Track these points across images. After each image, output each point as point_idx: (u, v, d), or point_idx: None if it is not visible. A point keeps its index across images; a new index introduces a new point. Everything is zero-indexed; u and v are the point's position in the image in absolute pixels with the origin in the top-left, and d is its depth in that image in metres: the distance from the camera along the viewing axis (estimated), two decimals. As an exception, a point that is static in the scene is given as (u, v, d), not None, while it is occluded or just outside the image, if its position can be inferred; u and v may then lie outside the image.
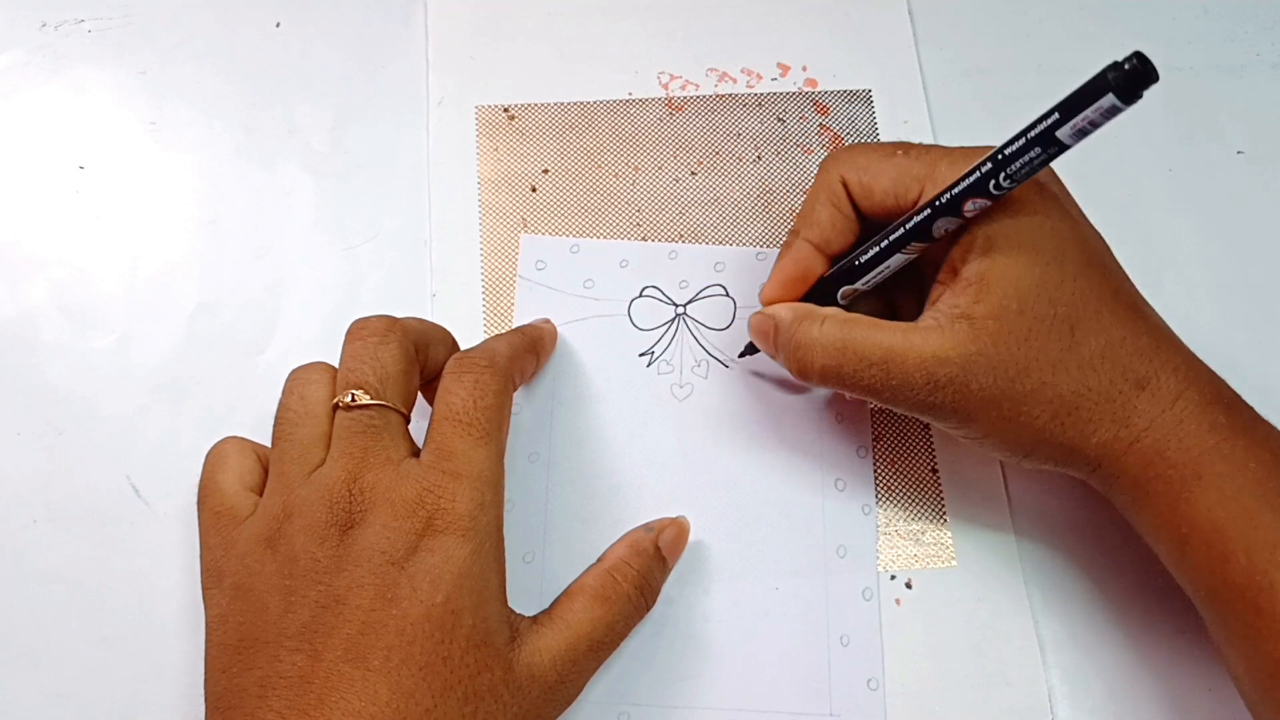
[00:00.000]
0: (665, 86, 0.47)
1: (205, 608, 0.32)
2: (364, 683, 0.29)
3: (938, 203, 0.34)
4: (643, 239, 0.44)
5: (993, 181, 0.32)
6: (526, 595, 0.38)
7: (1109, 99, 0.29)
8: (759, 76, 0.48)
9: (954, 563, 0.40)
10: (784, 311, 0.38)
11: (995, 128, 0.48)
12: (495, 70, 0.47)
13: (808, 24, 0.49)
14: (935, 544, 0.41)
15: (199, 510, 0.34)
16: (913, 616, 0.40)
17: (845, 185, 0.37)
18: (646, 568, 0.36)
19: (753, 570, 0.40)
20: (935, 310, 0.35)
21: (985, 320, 0.33)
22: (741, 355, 0.42)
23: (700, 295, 0.44)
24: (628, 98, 0.47)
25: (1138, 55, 0.29)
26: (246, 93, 0.46)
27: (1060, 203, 0.35)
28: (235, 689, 0.30)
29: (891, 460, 0.42)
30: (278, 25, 0.47)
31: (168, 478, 0.40)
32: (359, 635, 0.29)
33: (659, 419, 0.42)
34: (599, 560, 0.36)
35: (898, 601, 0.40)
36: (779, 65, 0.48)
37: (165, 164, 0.45)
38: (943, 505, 0.41)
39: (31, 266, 0.43)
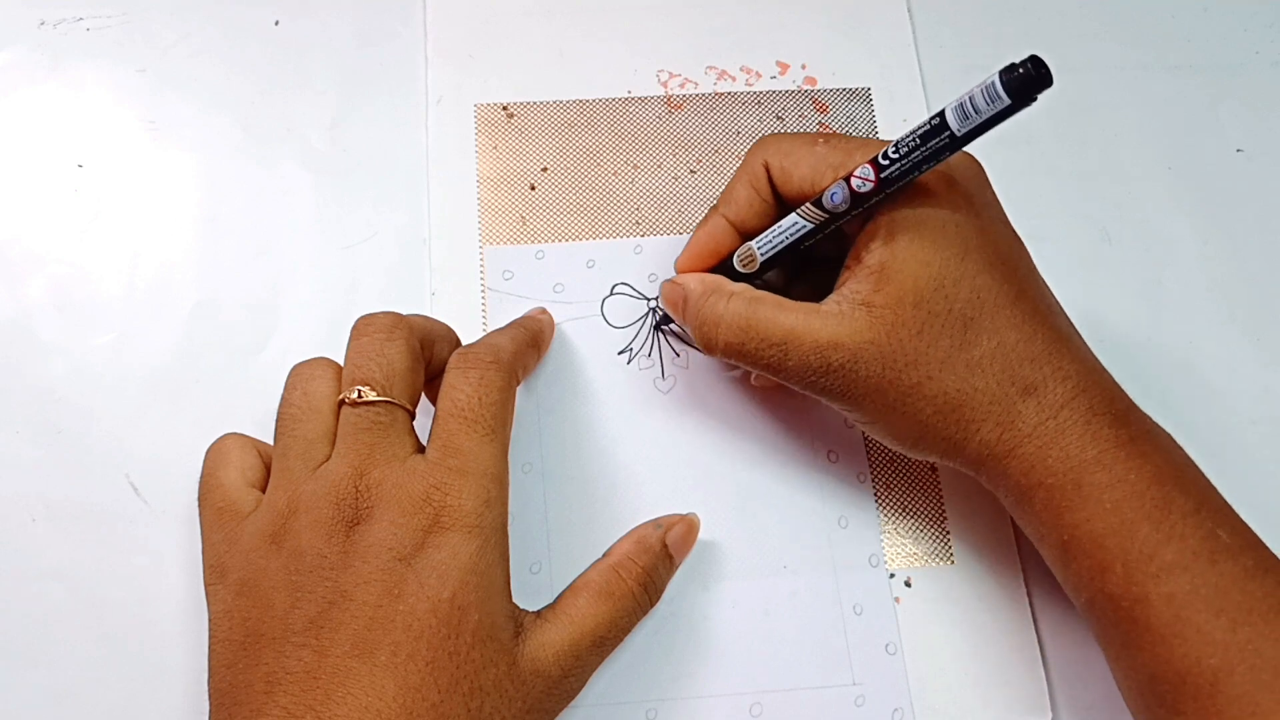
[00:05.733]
0: (664, 84, 0.47)
1: (208, 604, 0.32)
2: (371, 678, 0.29)
3: None
4: (642, 236, 0.44)
5: (881, 152, 0.33)
6: (537, 606, 0.38)
7: (996, 88, 0.30)
8: (758, 74, 0.48)
9: (953, 562, 0.40)
10: (694, 283, 0.38)
11: (995, 126, 0.48)
12: (494, 68, 0.47)
13: (807, 22, 0.49)
14: (934, 543, 0.41)
15: (200, 507, 0.34)
16: (912, 615, 0.40)
17: (767, 169, 0.37)
18: (651, 565, 0.36)
19: (759, 551, 0.40)
20: (839, 295, 0.35)
21: (882, 310, 0.34)
22: (659, 326, 0.43)
23: None
24: (627, 96, 0.47)
25: (1032, 59, 0.30)
26: (245, 91, 0.46)
27: (972, 200, 0.35)
28: (241, 684, 0.30)
29: (890, 459, 0.42)
30: (276, 23, 0.47)
31: (167, 476, 0.40)
32: (366, 631, 0.29)
33: (646, 414, 0.42)
34: (605, 555, 0.36)
35: (897, 600, 0.40)
36: (778, 63, 0.48)
37: (164, 162, 0.45)
38: (942, 504, 0.41)
39: (30, 265, 0.43)
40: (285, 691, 0.29)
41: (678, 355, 0.43)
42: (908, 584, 0.40)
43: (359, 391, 0.33)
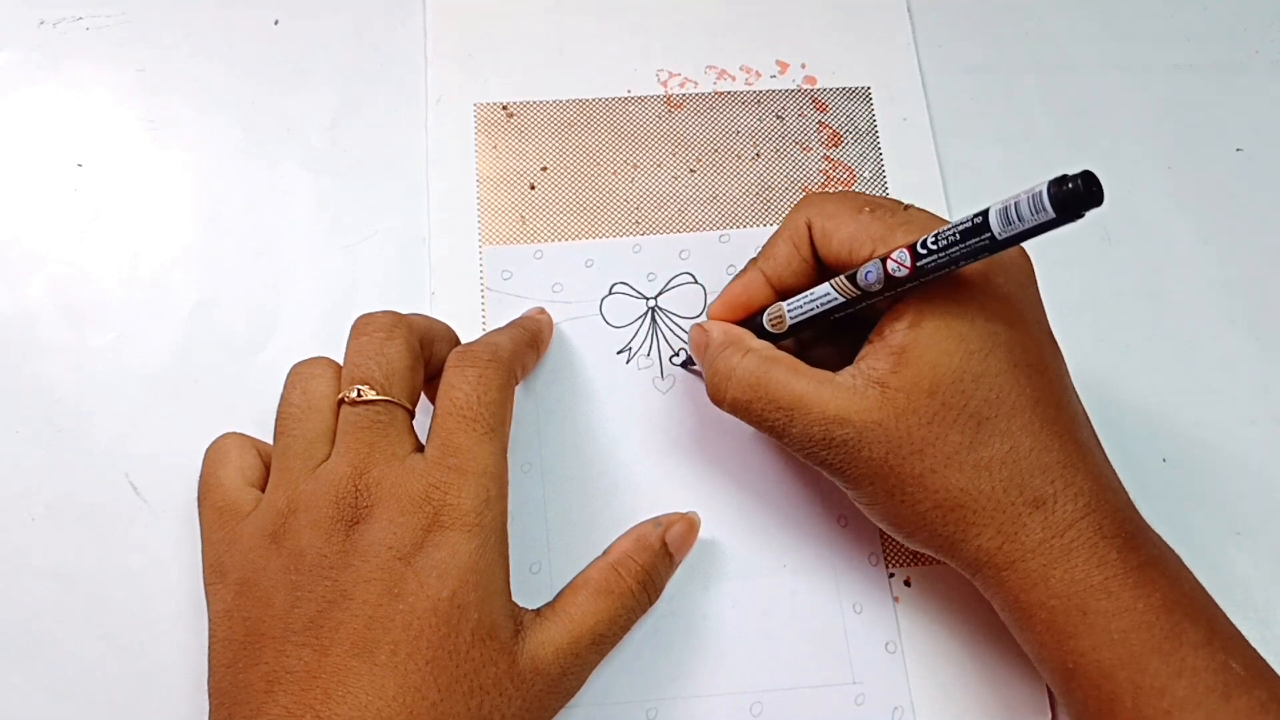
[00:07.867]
0: (664, 84, 0.47)
1: (208, 604, 0.32)
2: (371, 677, 0.29)
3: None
4: (641, 235, 0.44)
5: (920, 241, 0.32)
6: (537, 605, 0.38)
7: (1043, 199, 0.28)
8: (758, 74, 0.48)
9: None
10: (717, 332, 0.37)
11: (994, 125, 0.48)
12: (494, 68, 0.47)
13: (807, 21, 0.49)
14: (935, 542, 0.41)
15: (200, 506, 0.34)
16: (912, 615, 0.40)
17: (810, 229, 0.37)
18: (650, 563, 0.36)
19: (759, 549, 0.40)
20: (855, 369, 0.34)
21: (896, 392, 0.33)
22: (684, 364, 0.42)
23: (669, 286, 0.44)
24: (627, 95, 0.47)
25: (1084, 174, 0.27)
26: (245, 90, 0.46)
27: (1009, 298, 0.34)
28: (241, 684, 0.30)
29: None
30: (276, 23, 0.47)
31: (166, 475, 0.40)
32: (366, 630, 0.29)
33: (645, 413, 0.42)
34: (604, 553, 0.36)
35: (897, 600, 0.40)
36: (778, 62, 0.48)
37: (164, 162, 0.45)
38: (942, 503, 0.41)
39: (30, 265, 0.43)
40: (285, 691, 0.29)
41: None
42: (907, 583, 0.40)
43: (358, 390, 0.33)
